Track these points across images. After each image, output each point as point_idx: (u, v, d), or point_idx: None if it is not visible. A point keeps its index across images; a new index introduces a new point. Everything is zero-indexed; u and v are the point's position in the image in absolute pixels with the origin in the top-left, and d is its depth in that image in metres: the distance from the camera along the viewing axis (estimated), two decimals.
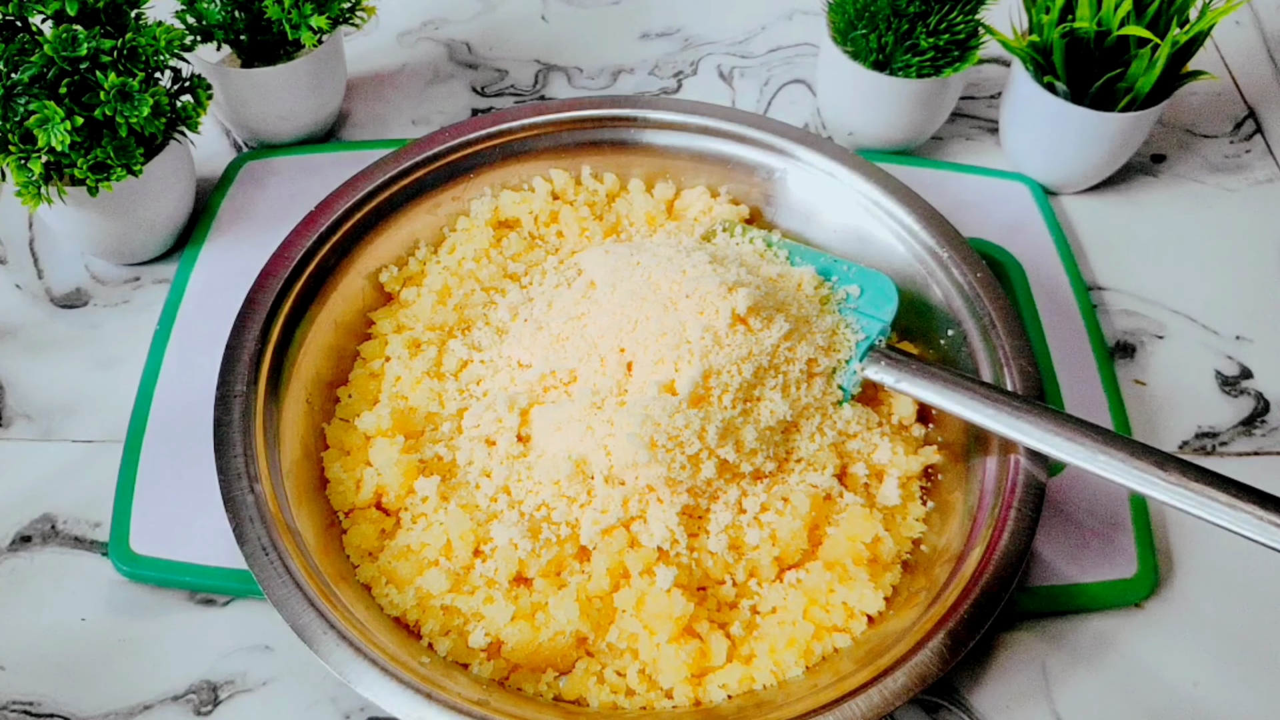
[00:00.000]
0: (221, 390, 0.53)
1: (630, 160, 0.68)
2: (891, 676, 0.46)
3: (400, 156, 0.64)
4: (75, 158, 0.58)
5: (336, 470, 0.56)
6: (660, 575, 0.50)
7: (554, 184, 0.67)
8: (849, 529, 0.53)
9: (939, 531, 0.55)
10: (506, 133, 0.66)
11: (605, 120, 0.67)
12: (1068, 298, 0.67)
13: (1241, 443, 0.63)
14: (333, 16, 0.69)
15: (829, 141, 0.66)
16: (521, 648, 0.50)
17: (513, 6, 0.88)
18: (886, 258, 0.63)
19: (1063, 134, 0.70)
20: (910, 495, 0.56)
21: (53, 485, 0.59)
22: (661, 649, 0.50)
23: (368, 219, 0.63)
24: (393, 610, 0.51)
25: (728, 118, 0.67)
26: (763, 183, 0.67)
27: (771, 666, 0.50)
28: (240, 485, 0.50)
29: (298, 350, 0.58)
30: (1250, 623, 0.55)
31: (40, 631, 0.54)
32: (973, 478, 0.55)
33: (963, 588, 0.49)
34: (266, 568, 0.47)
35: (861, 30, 0.69)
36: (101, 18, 0.60)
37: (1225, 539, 0.58)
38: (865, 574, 0.52)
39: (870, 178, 0.64)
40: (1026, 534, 0.51)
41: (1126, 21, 0.64)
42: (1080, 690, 0.53)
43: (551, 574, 0.52)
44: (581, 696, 0.50)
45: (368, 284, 0.63)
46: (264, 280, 0.58)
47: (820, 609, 0.52)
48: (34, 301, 0.68)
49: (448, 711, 0.44)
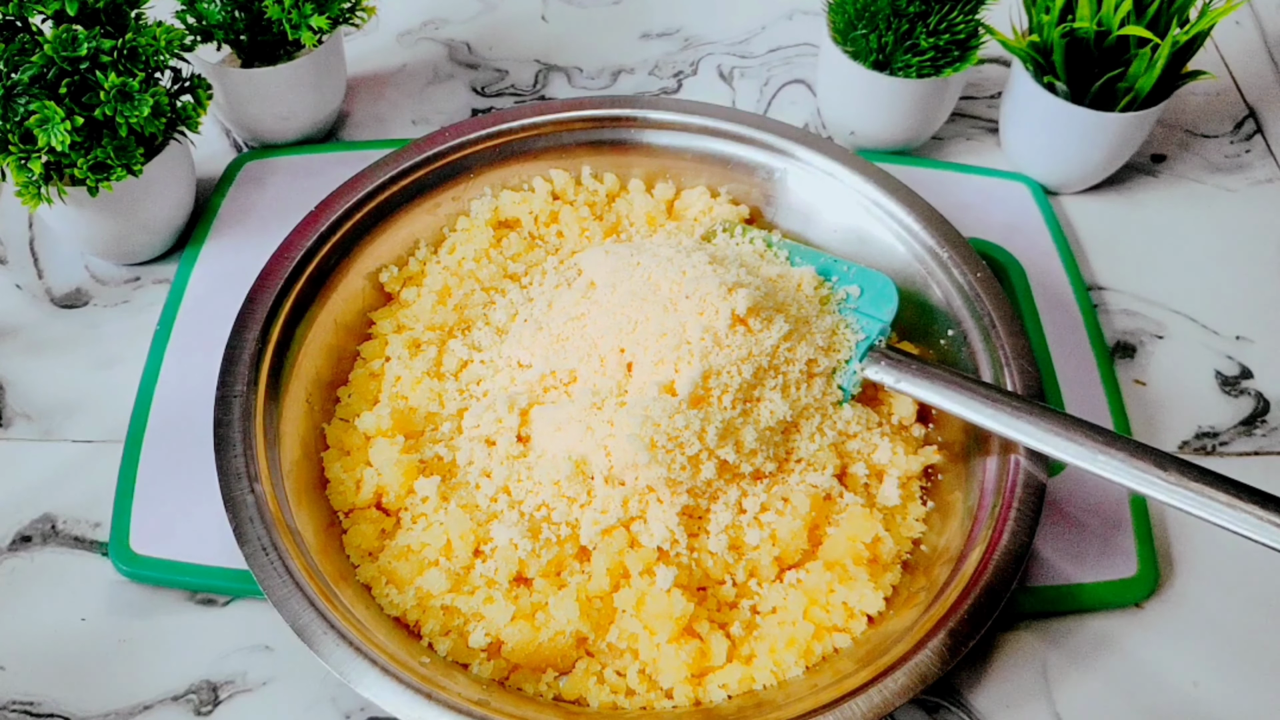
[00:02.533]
0: (221, 390, 0.53)
1: (630, 160, 0.68)
2: (892, 676, 0.46)
3: (400, 157, 0.64)
4: (75, 158, 0.58)
5: (336, 470, 0.56)
6: (660, 575, 0.50)
7: (554, 184, 0.67)
8: (849, 529, 0.53)
9: (939, 531, 0.55)
10: (506, 133, 0.66)
11: (605, 120, 0.67)
12: (1068, 298, 0.67)
13: (1241, 443, 0.63)
14: (333, 16, 0.69)
15: (829, 141, 0.66)
16: (521, 648, 0.50)
17: (513, 6, 0.88)
18: (887, 258, 0.63)
19: (1063, 134, 0.70)
20: (910, 495, 0.56)
21: (53, 485, 0.59)
22: (661, 649, 0.50)
23: (368, 219, 0.63)
24: (393, 610, 0.51)
25: (728, 118, 0.67)
26: (763, 183, 0.67)
27: (771, 666, 0.50)
28: (240, 485, 0.50)
29: (298, 350, 0.58)
30: (1250, 623, 0.55)
31: (40, 631, 0.54)
32: (973, 478, 0.55)
33: (963, 587, 0.49)
34: (267, 568, 0.47)
35: (861, 30, 0.69)
36: (101, 18, 0.60)
37: (1225, 539, 0.58)
38: (865, 574, 0.52)
39: (870, 178, 0.64)
40: (1026, 533, 0.51)
41: (1126, 21, 0.64)
42: (1080, 690, 0.53)
43: (551, 574, 0.52)
44: (581, 696, 0.50)
45: (368, 284, 0.63)
46: (264, 280, 0.58)
47: (820, 609, 0.52)
48: (34, 301, 0.68)
49: (448, 711, 0.44)
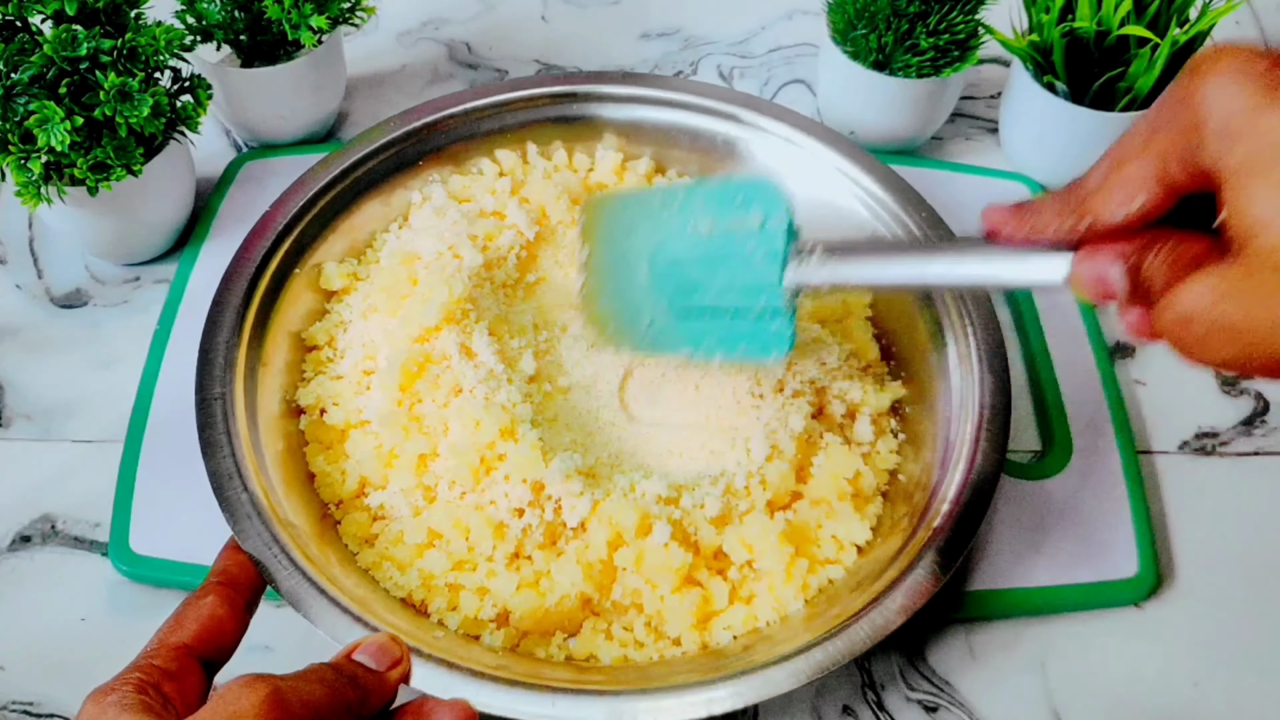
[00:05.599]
0: (201, 395, 0.53)
1: (585, 135, 0.69)
2: (890, 597, 0.47)
3: (347, 153, 0.64)
4: (75, 158, 0.58)
5: (320, 464, 0.56)
6: (657, 530, 0.51)
7: (501, 165, 0.67)
8: (831, 466, 0.54)
9: (914, 460, 0.56)
10: (453, 119, 0.66)
11: (558, 97, 0.68)
12: (1068, 297, 0.67)
13: (1241, 443, 0.63)
14: (333, 16, 0.68)
15: (789, 110, 0.67)
16: (530, 615, 0.50)
17: (513, 6, 0.88)
18: (855, 226, 0.63)
19: (1063, 134, 0.70)
20: (882, 430, 0.58)
21: (53, 485, 0.59)
22: (665, 600, 0.50)
23: (321, 215, 0.63)
24: (398, 591, 0.52)
25: (684, 89, 0.67)
26: (723, 154, 0.67)
27: (772, 604, 0.51)
28: (233, 485, 0.50)
29: (269, 348, 0.58)
30: (1250, 623, 0.55)
31: (40, 631, 0.54)
32: (938, 407, 0.57)
33: (945, 508, 0.51)
34: (273, 562, 0.47)
35: (861, 30, 0.69)
36: (101, 18, 0.60)
37: (1225, 539, 0.58)
38: (850, 507, 0.54)
39: (833, 145, 0.64)
40: (998, 451, 0.52)
41: (1126, 21, 0.64)
42: (1080, 690, 0.53)
43: (549, 545, 0.52)
44: (592, 655, 0.50)
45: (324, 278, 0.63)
46: (228, 283, 0.58)
47: (812, 544, 0.53)
48: (34, 301, 0.68)
49: (472, 679, 0.45)
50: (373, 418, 0.55)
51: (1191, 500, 0.60)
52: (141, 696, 0.36)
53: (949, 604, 0.54)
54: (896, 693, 0.53)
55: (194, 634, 0.40)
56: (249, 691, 0.34)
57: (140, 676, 0.37)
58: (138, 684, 0.37)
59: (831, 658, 0.45)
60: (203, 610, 0.41)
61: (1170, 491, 0.60)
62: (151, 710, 0.36)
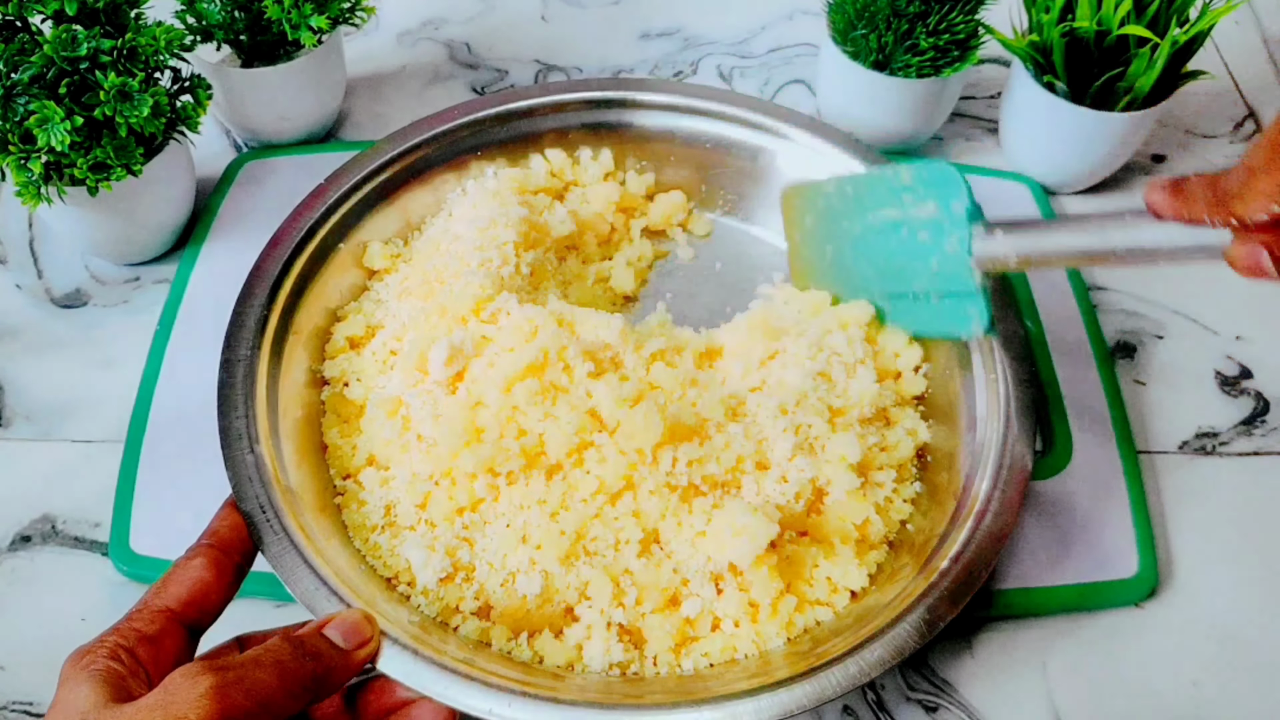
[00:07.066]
0: (227, 354, 0.54)
1: (618, 143, 0.69)
2: (869, 648, 0.46)
3: (403, 136, 0.65)
4: (75, 158, 0.58)
5: (334, 436, 0.57)
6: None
7: (552, 164, 0.68)
8: (839, 510, 0.53)
9: (925, 513, 0.55)
10: (505, 115, 0.67)
11: (597, 103, 0.69)
12: (1068, 297, 0.67)
13: (1241, 443, 0.63)
14: (332, 16, 0.68)
15: (820, 122, 0.67)
16: (510, 612, 0.50)
17: (513, 6, 0.88)
18: None
19: (1063, 134, 0.70)
20: (904, 478, 0.56)
21: (53, 485, 0.59)
22: (647, 619, 0.50)
23: (370, 196, 0.64)
24: (385, 571, 0.52)
25: (718, 99, 0.68)
26: (750, 164, 0.68)
27: (753, 637, 0.50)
28: (240, 445, 0.51)
29: (303, 315, 0.59)
30: (1250, 623, 0.55)
31: (40, 631, 0.54)
32: (960, 459, 0.55)
33: (944, 565, 0.49)
34: (264, 525, 0.48)
35: (861, 30, 0.69)
36: (101, 18, 0.60)
37: (1225, 539, 0.58)
38: (851, 552, 0.52)
39: (859, 155, 0.65)
40: (1010, 514, 0.51)
41: (1126, 21, 0.64)
42: (1080, 690, 0.53)
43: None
44: (571, 662, 0.50)
45: (364, 255, 0.64)
46: (271, 249, 0.59)
47: (804, 583, 0.52)
48: (34, 301, 0.68)
49: (434, 667, 0.45)
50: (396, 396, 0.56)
51: (1191, 500, 0.60)
52: (111, 663, 0.37)
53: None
54: (896, 692, 0.53)
55: (178, 597, 0.41)
56: (190, 684, 0.35)
57: (117, 640, 0.38)
58: (112, 649, 0.38)
59: (797, 700, 0.44)
60: (190, 573, 0.42)
61: (1170, 491, 0.60)
62: (117, 679, 0.36)
